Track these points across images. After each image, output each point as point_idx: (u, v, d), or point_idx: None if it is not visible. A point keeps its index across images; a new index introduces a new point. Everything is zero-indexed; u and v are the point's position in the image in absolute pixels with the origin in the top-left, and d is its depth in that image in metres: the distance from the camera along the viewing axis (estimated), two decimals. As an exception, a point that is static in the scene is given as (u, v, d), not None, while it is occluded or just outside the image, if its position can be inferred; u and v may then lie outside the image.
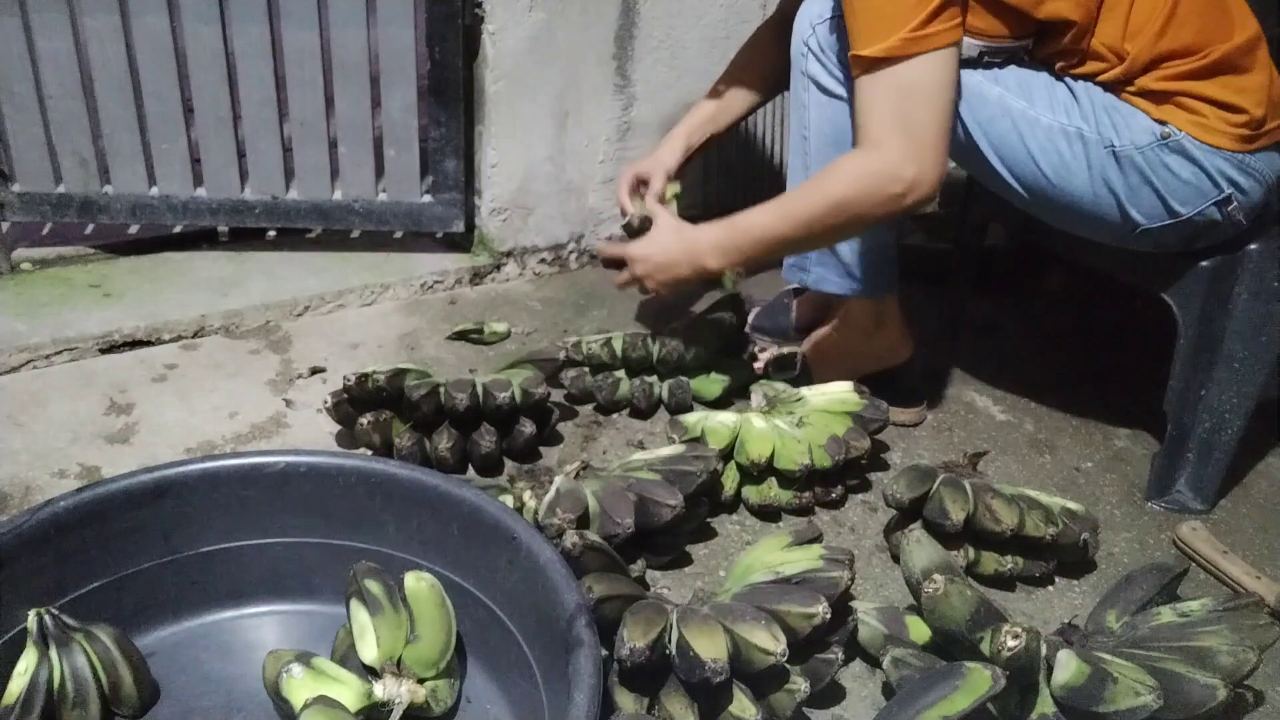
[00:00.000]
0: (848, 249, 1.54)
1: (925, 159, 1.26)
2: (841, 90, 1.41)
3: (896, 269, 1.58)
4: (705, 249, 1.44)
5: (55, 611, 1.03)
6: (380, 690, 1.03)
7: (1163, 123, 1.30)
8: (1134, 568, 1.27)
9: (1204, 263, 1.39)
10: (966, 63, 1.33)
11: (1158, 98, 1.30)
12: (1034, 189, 1.39)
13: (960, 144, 1.39)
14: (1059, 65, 1.34)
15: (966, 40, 1.30)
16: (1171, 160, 1.31)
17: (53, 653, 1.01)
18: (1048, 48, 1.33)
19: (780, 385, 1.57)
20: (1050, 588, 1.34)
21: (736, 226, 1.42)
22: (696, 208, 2.16)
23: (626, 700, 1.05)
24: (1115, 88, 1.32)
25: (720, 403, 1.65)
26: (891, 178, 1.27)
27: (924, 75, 1.24)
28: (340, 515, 1.17)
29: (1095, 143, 1.32)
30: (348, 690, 1.01)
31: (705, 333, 1.65)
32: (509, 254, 2.03)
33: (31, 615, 1.02)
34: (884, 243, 1.55)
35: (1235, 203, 1.32)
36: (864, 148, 1.29)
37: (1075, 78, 1.34)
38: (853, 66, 1.28)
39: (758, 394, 1.54)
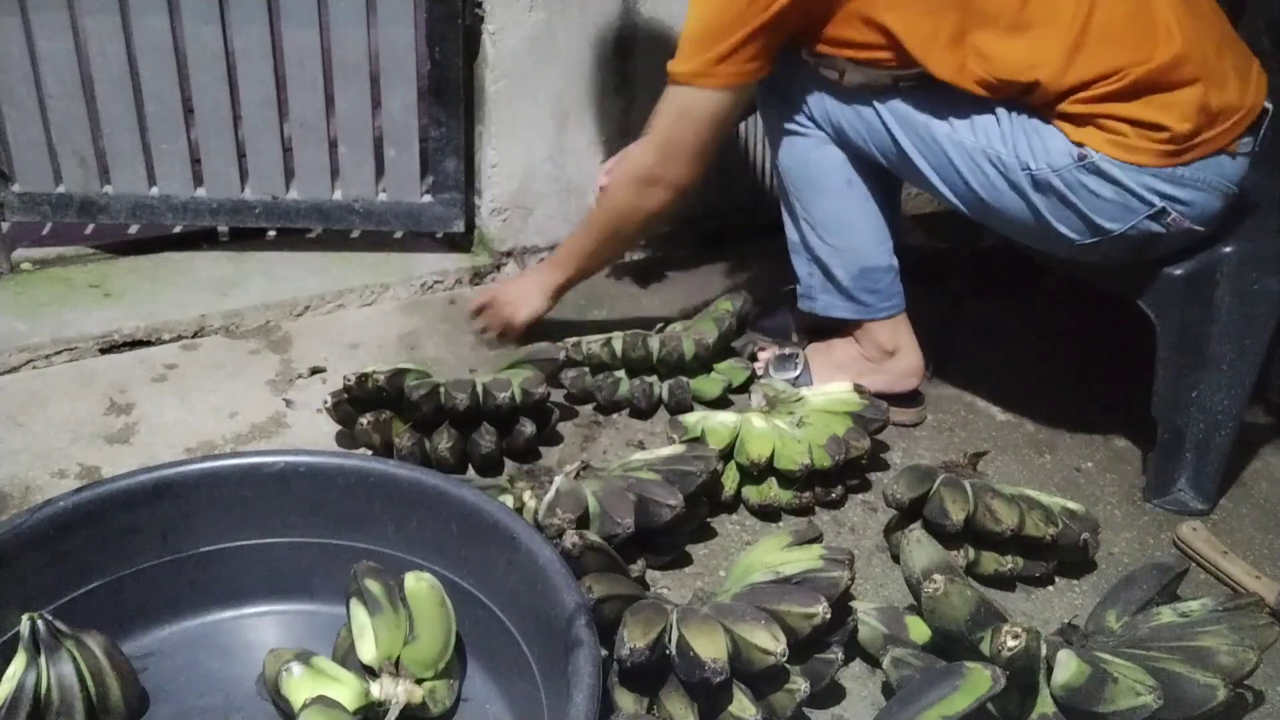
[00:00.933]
0: (845, 274, 1.55)
1: (675, 170, 1.48)
2: (799, 128, 1.50)
3: (900, 286, 1.59)
4: (544, 268, 1.67)
5: (49, 617, 1.01)
6: (377, 690, 1.03)
7: (1079, 144, 1.31)
8: (1134, 568, 1.27)
9: (1177, 271, 1.39)
10: (887, 89, 1.40)
11: (1078, 120, 1.31)
12: (974, 208, 1.42)
13: (909, 170, 1.44)
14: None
15: (876, 72, 1.38)
16: (1090, 181, 1.31)
17: (41, 659, 1.00)
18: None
19: (780, 385, 1.57)
20: (1050, 588, 1.34)
21: (562, 245, 1.68)
22: (697, 208, 2.16)
23: (626, 700, 1.05)
24: (1043, 109, 1.33)
25: (720, 403, 1.65)
26: (647, 179, 1.50)
27: (700, 107, 1.42)
28: (340, 515, 1.17)
29: (1013, 166, 1.34)
30: (346, 689, 1.01)
31: (706, 331, 1.65)
32: (509, 254, 2.02)
33: (25, 620, 1.01)
34: (884, 264, 1.56)
35: (1174, 214, 1.32)
36: (636, 149, 1.54)
37: (1002, 99, 1.34)
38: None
39: (758, 394, 1.54)
